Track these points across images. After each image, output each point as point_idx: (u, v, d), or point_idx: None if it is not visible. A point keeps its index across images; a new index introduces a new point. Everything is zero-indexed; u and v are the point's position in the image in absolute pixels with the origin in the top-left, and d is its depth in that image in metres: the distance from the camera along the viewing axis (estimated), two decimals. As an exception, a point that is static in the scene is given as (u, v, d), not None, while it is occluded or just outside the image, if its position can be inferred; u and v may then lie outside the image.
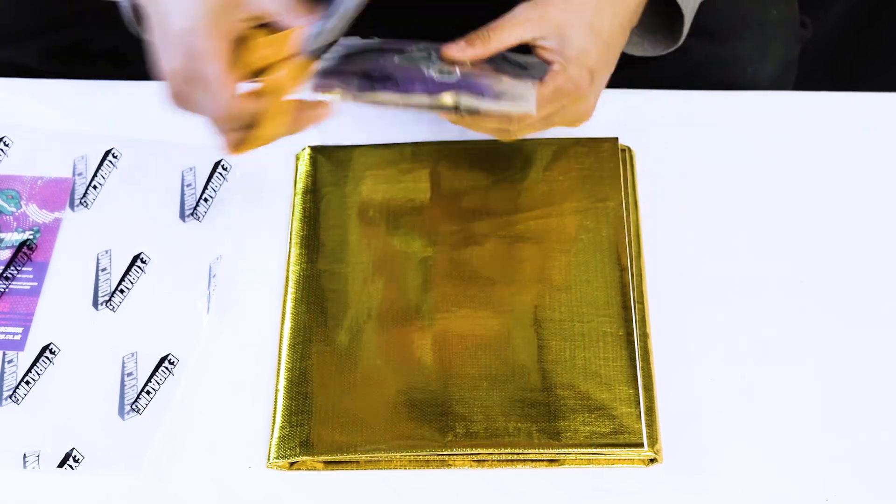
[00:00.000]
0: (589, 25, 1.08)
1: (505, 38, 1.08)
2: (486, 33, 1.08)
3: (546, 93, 1.08)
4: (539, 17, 1.08)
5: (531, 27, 1.08)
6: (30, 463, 1.06)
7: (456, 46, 1.08)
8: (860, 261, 1.17)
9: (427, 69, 1.08)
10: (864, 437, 1.07)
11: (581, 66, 1.08)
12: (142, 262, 1.18)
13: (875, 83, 1.36)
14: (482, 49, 1.08)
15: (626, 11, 1.11)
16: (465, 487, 1.06)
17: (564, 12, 1.08)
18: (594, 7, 1.09)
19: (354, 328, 1.12)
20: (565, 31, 1.08)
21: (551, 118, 1.12)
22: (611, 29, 1.10)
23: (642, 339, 1.11)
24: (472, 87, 1.06)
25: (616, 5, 1.10)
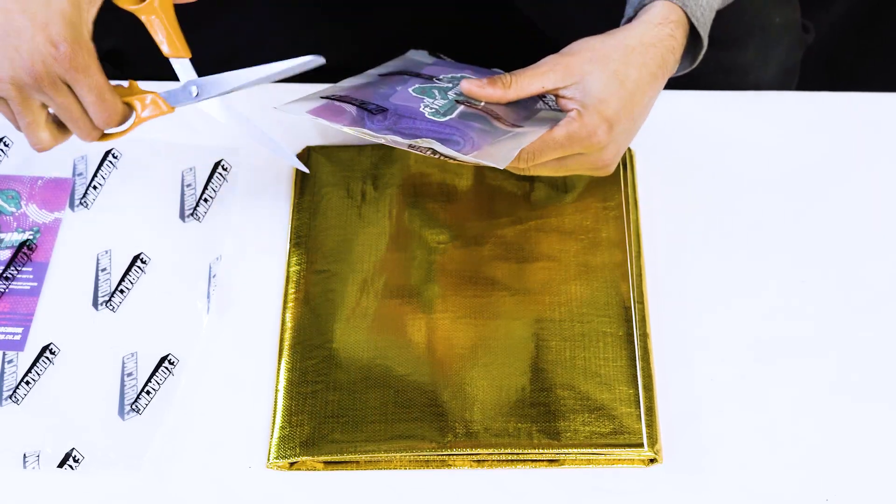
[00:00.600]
0: (613, 73, 1.08)
1: (525, 86, 1.08)
2: (509, 78, 1.08)
3: (558, 138, 1.07)
4: (563, 66, 1.08)
5: (553, 77, 1.08)
6: (30, 463, 1.06)
7: (476, 83, 1.08)
8: (861, 261, 1.17)
9: (425, 105, 1.08)
10: (864, 437, 1.07)
11: (598, 114, 1.08)
12: (142, 263, 1.18)
13: (875, 83, 1.36)
14: (500, 93, 1.08)
15: (657, 58, 1.10)
16: (465, 487, 1.06)
17: (588, 62, 1.08)
18: (622, 56, 1.09)
19: (354, 328, 1.12)
20: (586, 81, 1.08)
21: (566, 163, 1.11)
22: (638, 77, 1.09)
23: (642, 339, 1.11)
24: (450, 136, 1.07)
25: (646, 53, 1.10)
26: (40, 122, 1.07)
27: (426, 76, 1.15)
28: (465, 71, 1.17)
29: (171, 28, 1.08)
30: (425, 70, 1.18)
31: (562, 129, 1.07)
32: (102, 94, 1.04)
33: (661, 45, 1.11)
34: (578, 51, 1.09)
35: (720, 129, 1.25)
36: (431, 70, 1.17)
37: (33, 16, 1.00)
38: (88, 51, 1.02)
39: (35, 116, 1.07)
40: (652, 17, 1.11)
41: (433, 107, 1.10)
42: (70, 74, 1.02)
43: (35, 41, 1.01)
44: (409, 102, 1.10)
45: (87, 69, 1.02)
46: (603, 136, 1.08)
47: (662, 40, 1.11)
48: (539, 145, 1.07)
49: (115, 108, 1.06)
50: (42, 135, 1.07)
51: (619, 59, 1.09)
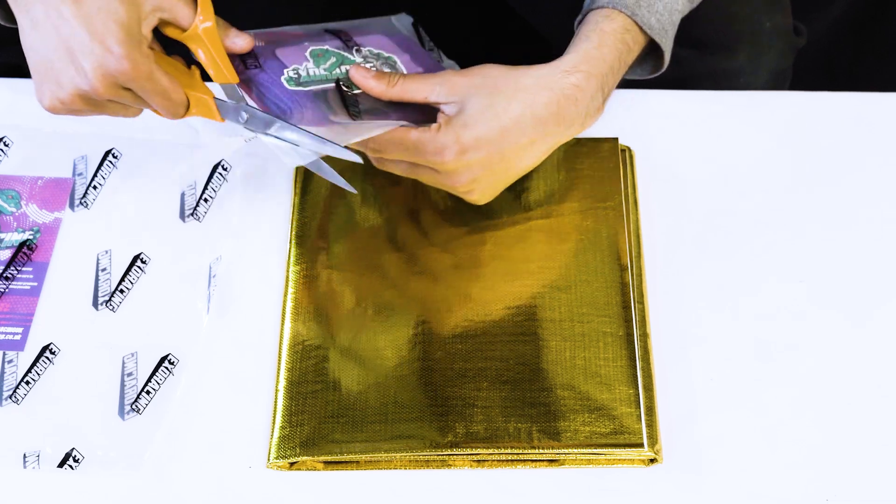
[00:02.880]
0: (491, 105, 1.06)
1: (410, 90, 1.08)
2: (396, 78, 1.08)
3: (407, 139, 1.07)
4: (451, 83, 1.07)
5: (440, 90, 1.07)
6: (30, 463, 1.06)
7: (363, 71, 1.09)
8: (860, 260, 1.17)
9: (295, 69, 1.11)
10: (864, 437, 1.07)
11: (455, 135, 1.06)
12: (142, 262, 1.18)
13: (872, 83, 1.36)
14: (382, 89, 1.09)
15: (548, 103, 1.08)
16: (465, 487, 1.06)
17: (476, 86, 1.07)
18: (510, 91, 1.07)
19: (354, 328, 1.12)
20: (466, 102, 1.07)
21: (418, 171, 1.10)
22: (518, 116, 1.07)
23: (642, 339, 1.11)
24: (286, 106, 1.09)
25: (537, 95, 1.07)
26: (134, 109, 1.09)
27: (352, 43, 1.16)
28: (404, 56, 1.17)
29: (218, 55, 1.08)
30: (369, 38, 1.18)
31: (415, 133, 1.07)
32: (168, 96, 1.05)
33: (557, 91, 1.08)
34: (475, 74, 1.08)
35: (720, 129, 1.25)
36: (377, 41, 1.18)
37: (92, 28, 1.01)
38: (147, 57, 1.03)
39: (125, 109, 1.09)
40: (563, 63, 1.09)
41: (300, 73, 1.11)
42: (134, 84, 1.03)
43: (94, 53, 1.01)
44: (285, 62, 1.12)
45: (149, 76, 1.03)
46: (450, 157, 1.06)
47: (563, 88, 1.08)
48: (388, 139, 1.07)
49: (181, 103, 1.07)
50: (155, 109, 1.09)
51: (505, 93, 1.07)
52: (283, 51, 1.12)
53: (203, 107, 1.09)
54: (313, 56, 1.13)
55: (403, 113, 1.10)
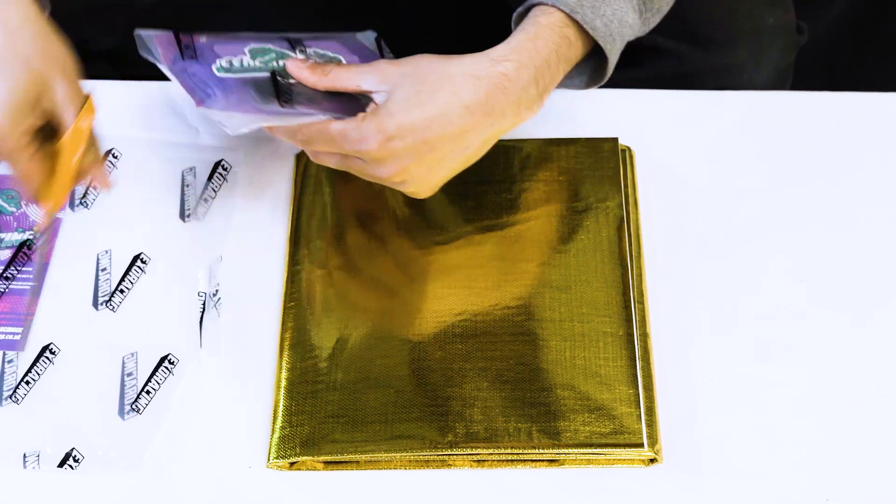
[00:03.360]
0: (417, 93, 1.05)
1: (342, 79, 1.08)
2: (330, 68, 1.08)
3: (331, 130, 1.06)
4: (381, 72, 1.07)
5: (369, 79, 1.07)
6: (30, 463, 1.06)
7: (298, 62, 1.09)
8: (859, 261, 1.17)
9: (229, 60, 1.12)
10: (864, 437, 1.07)
11: (378, 124, 1.05)
12: (142, 263, 1.18)
13: (872, 84, 1.36)
14: (315, 78, 1.09)
15: (476, 92, 1.06)
16: (465, 487, 1.06)
17: (404, 75, 1.06)
18: (437, 80, 1.06)
19: (354, 328, 1.12)
20: (394, 91, 1.06)
21: (349, 163, 1.09)
22: (445, 104, 1.05)
23: (642, 339, 1.11)
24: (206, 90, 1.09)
25: (464, 84, 1.06)
26: None
27: (301, 46, 1.16)
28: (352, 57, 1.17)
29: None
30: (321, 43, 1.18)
31: (339, 124, 1.06)
32: (27, 180, 1.06)
33: (485, 80, 1.06)
34: (406, 63, 1.08)
35: (720, 129, 1.25)
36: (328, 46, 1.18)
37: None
38: (14, 141, 1.03)
39: None
40: (494, 52, 1.08)
41: (232, 63, 1.12)
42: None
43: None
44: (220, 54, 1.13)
45: (12, 154, 1.04)
46: (373, 146, 1.05)
47: (492, 77, 1.06)
48: (314, 131, 1.07)
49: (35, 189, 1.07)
50: None
51: (432, 82, 1.05)
52: (221, 46, 1.14)
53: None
54: (251, 52, 1.14)
55: (339, 104, 1.10)
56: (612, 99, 1.15)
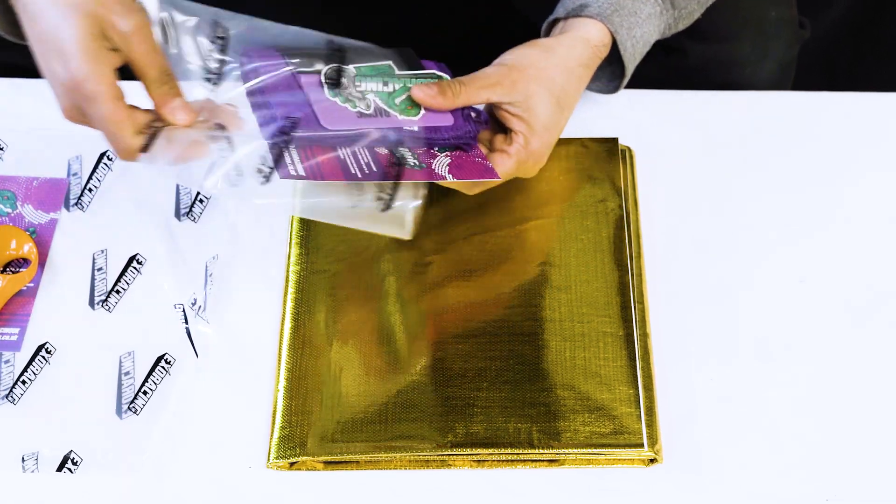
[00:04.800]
0: (557, 99, 1.10)
1: (474, 96, 1.08)
2: (458, 87, 1.08)
3: (509, 166, 1.09)
4: (511, 83, 1.08)
5: (501, 91, 1.08)
6: (28, 466, 1.06)
7: (425, 90, 1.08)
8: (859, 260, 1.17)
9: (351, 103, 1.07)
10: (864, 437, 1.08)
11: (543, 140, 1.10)
12: (138, 263, 1.17)
13: (872, 84, 1.37)
14: (450, 101, 1.08)
15: (587, 79, 1.13)
16: (465, 487, 1.06)
17: (535, 82, 1.09)
18: (564, 79, 1.10)
19: (354, 328, 1.12)
20: (533, 102, 1.09)
21: None
22: (574, 98, 1.12)
23: (642, 339, 1.11)
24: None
25: (583, 76, 1.12)
26: None
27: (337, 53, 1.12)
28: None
29: None
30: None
31: (510, 161, 1.09)
32: (106, 125, 1.00)
33: (592, 67, 1.13)
34: (524, 67, 1.10)
35: (719, 129, 1.25)
36: None
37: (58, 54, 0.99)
38: (98, 81, 0.98)
39: None
40: (589, 37, 1.12)
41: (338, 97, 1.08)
42: (84, 103, 1.00)
43: (56, 76, 1.00)
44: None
45: (94, 98, 0.98)
46: (544, 159, 1.12)
47: (594, 61, 1.13)
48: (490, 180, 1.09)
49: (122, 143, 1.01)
50: None
51: (561, 83, 1.10)
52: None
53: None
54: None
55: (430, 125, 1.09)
56: (613, 99, 1.15)
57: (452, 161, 1.07)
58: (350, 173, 1.02)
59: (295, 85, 1.06)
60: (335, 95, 1.06)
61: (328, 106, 1.05)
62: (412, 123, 1.07)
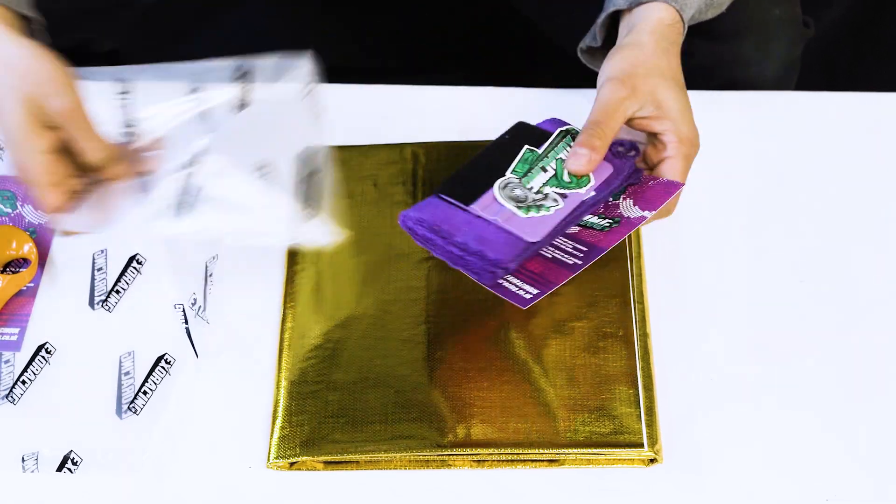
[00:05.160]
0: (675, 82, 1.09)
1: (613, 126, 1.07)
2: (599, 130, 1.06)
3: (679, 167, 1.09)
4: (632, 91, 1.07)
5: (629, 104, 1.07)
6: (28, 466, 1.06)
7: (578, 157, 1.06)
8: (860, 260, 1.17)
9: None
10: (864, 437, 1.07)
11: (688, 122, 1.09)
12: (138, 263, 1.17)
13: (872, 84, 1.37)
14: (601, 149, 1.06)
15: (679, 53, 1.12)
16: (465, 487, 1.06)
17: (651, 78, 1.08)
18: (667, 60, 1.10)
19: (354, 328, 1.12)
20: (660, 97, 1.08)
21: None
22: (679, 68, 1.11)
23: (642, 339, 1.11)
24: None
25: (675, 44, 1.12)
26: None
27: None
28: None
29: None
30: None
31: (677, 161, 1.09)
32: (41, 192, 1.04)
33: (679, 43, 1.13)
34: (632, 71, 1.09)
35: (719, 129, 1.25)
36: None
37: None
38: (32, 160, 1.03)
39: None
40: (662, 17, 1.12)
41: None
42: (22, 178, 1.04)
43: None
44: None
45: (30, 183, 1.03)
46: (699, 138, 1.10)
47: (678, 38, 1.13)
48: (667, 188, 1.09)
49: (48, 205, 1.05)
50: None
51: (669, 65, 1.10)
52: None
53: None
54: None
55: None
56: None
57: (634, 199, 1.07)
58: (570, 265, 1.04)
59: (466, 215, 1.05)
60: (526, 212, 1.05)
61: (520, 221, 1.04)
62: (590, 190, 1.07)
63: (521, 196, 1.05)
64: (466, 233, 1.03)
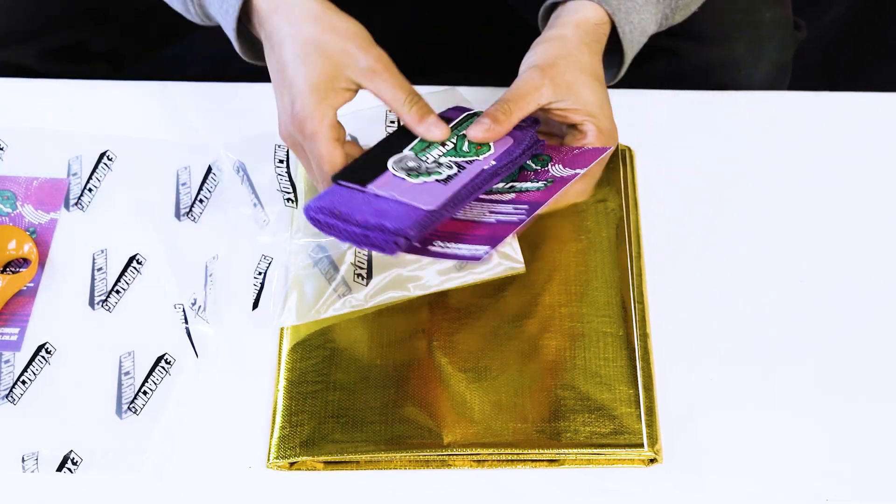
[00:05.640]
0: (595, 76, 1.10)
1: (524, 108, 1.08)
2: (507, 106, 1.07)
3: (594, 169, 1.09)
4: (550, 81, 1.08)
5: (546, 92, 1.08)
6: (28, 466, 1.06)
7: (482, 126, 1.07)
8: (859, 260, 1.17)
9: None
10: (863, 438, 1.07)
11: (607, 116, 1.10)
12: (137, 263, 1.17)
13: (872, 84, 1.37)
14: (507, 123, 1.07)
15: (601, 51, 1.12)
16: (465, 487, 1.06)
17: (570, 72, 1.08)
18: (588, 56, 1.10)
19: (354, 328, 1.12)
20: (578, 90, 1.08)
21: None
22: (600, 64, 1.11)
23: (642, 339, 1.11)
24: None
25: (598, 41, 1.11)
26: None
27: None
28: None
29: None
30: None
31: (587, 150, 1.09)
32: (320, 163, 1.06)
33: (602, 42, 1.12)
34: (552, 62, 1.09)
35: (720, 129, 1.25)
36: None
37: (289, 88, 1.06)
38: (320, 121, 1.05)
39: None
40: (588, 17, 1.12)
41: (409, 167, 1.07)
42: (302, 138, 1.06)
43: (283, 106, 1.07)
44: None
45: (313, 136, 1.05)
46: (617, 132, 1.11)
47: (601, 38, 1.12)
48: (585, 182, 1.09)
49: (325, 178, 1.07)
50: None
51: (589, 61, 1.10)
52: None
53: None
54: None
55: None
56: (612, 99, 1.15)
57: (564, 164, 1.08)
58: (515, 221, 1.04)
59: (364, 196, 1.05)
60: (416, 177, 1.05)
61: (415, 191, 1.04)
62: (489, 159, 1.07)
63: (413, 166, 1.05)
64: (365, 211, 1.02)
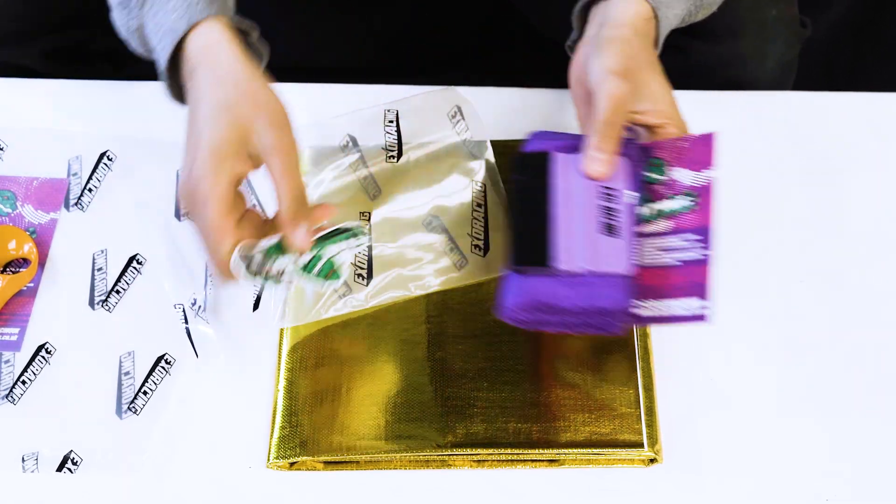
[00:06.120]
0: (662, 73, 1.08)
1: (623, 122, 1.05)
2: (611, 130, 1.04)
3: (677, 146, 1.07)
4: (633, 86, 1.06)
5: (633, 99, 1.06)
6: (28, 466, 1.06)
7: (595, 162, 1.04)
8: (859, 260, 1.17)
9: None
10: (863, 437, 1.07)
11: (679, 113, 1.08)
12: (138, 263, 1.17)
13: (872, 84, 1.37)
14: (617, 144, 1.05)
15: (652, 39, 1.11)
16: (465, 487, 1.06)
17: (642, 72, 1.07)
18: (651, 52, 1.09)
19: (355, 328, 1.12)
20: (653, 90, 1.07)
21: None
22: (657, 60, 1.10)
23: (642, 340, 1.10)
24: None
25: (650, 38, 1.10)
26: None
27: None
28: None
29: None
30: None
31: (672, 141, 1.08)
32: (206, 231, 1.01)
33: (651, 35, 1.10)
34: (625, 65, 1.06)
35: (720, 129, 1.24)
36: None
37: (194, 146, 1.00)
38: (213, 185, 0.99)
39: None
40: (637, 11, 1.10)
41: None
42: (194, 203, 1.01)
43: (185, 164, 1.01)
44: None
45: (205, 201, 0.99)
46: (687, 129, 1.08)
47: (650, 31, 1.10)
48: None
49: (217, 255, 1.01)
50: None
51: (649, 58, 1.08)
52: None
53: None
54: None
55: None
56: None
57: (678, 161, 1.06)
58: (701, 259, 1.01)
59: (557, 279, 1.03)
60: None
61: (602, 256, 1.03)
62: (631, 196, 1.05)
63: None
64: (571, 296, 1.00)
